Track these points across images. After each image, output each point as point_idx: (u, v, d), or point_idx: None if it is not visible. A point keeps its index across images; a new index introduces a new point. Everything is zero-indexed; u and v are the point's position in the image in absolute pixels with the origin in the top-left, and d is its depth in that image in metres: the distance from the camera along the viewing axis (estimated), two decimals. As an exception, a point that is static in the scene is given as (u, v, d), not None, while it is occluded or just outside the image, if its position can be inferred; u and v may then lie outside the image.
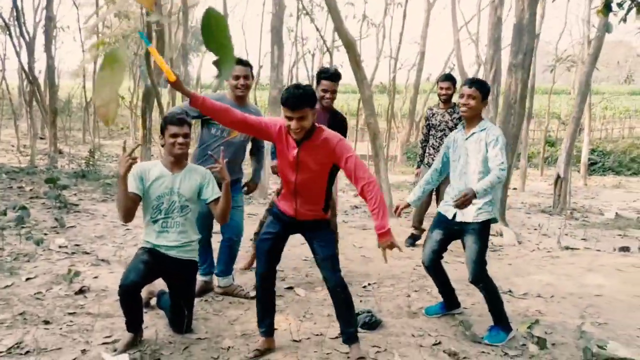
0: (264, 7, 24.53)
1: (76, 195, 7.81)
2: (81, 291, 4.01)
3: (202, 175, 3.38)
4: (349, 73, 4.50)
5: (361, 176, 2.86)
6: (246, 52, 34.60)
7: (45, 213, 6.40)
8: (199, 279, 3.97)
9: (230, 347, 3.23)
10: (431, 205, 5.98)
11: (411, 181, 13.47)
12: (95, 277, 4.37)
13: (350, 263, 5.18)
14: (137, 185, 3.24)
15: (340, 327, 3.17)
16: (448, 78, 5.65)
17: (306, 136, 2.91)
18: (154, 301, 3.76)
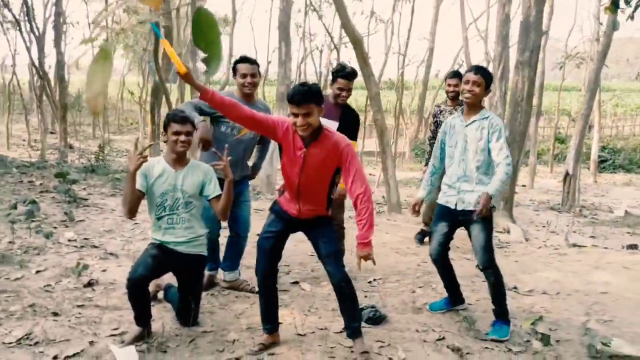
0: (272, 3, 24.51)
1: (85, 189, 7.89)
2: (90, 284, 4.07)
3: (205, 172, 3.40)
4: (356, 70, 4.51)
5: (358, 186, 2.91)
6: (255, 48, 34.66)
7: (55, 207, 6.47)
8: (205, 273, 4.00)
9: (235, 340, 3.26)
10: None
11: (419, 178, 13.45)
12: (103, 271, 4.43)
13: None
14: (142, 182, 3.27)
15: (344, 322, 3.19)
16: (456, 75, 5.62)
17: (313, 137, 2.93)
18: (161, 294, 3.79)
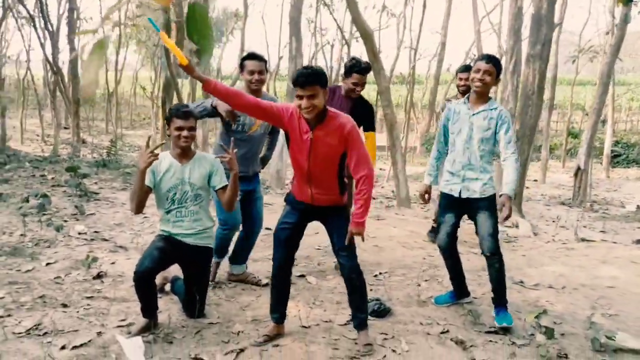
0: (284, -2, 24.45)
1: (97, 183, 7.98)
2: (99, 276, 4.13)
3: (211, 163, 3.44)
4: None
5: (362, 167, 2.95)
6: (266, 43, 34.61)
7: (66, 201, 6.56)
8: (213, 261, 4.05)
9: (240, 332, 3.30)
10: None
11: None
12: (112, 263, 4.49)
13: (362, 252, 5.16)
14: (149, 177, 3.32)
15: (352, 313, 3.23)
16: (467, 69, 5.55)
17: (319, 120, 2.93)
18: (168, 287, 3.85)
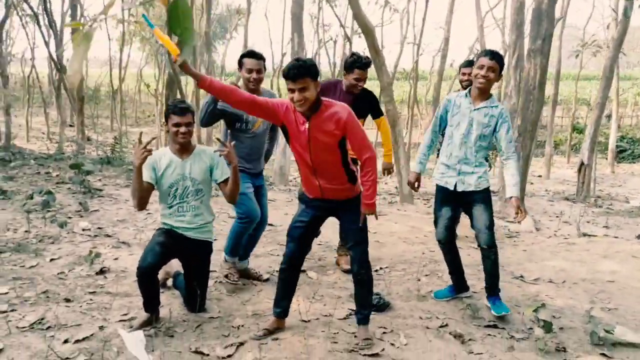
0: (287, -6, 24.44)
1: (101, 180, 8.04)
2: (101, 272, 4.18)
3: (211, 156, 3.47)
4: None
5: (365, 151, 3.02)
6: (270, 40, 34.60)
7: (70, 197, 6.61)
8: (228, 261, 4.13)
9: (240, 326, 3.33)
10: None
11: (433, 168, 13.39)
12: (115, 259, 4.54)
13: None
14: (150, 174, 3.36)
15: (356, 307, 3.25)
16: (470, 64, 5.53)
17: (313, 110, 2.94)
18: (170, 282, 3.89)
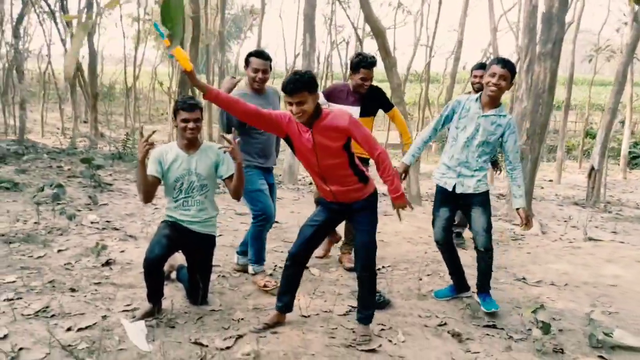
0: (301, -5, 24.51)
1: (111, 175, 8.14)
2: (107, 263, 4.25)
3: (217, 152, 3.51)
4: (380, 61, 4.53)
5: (374, 148, 3.08)
6: (283, 40, 34.72)
7: (80, 191, 6.71)
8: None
9: (241, 319, 3.38)
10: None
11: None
12: (122, 251, 4.61)
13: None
14: (156, 168, 3.42)
15: (357, 307, 3.29)
16: (482, 67, 5.52)
17: (314, 118, 3.00)
18: (174, 275, 3.95)
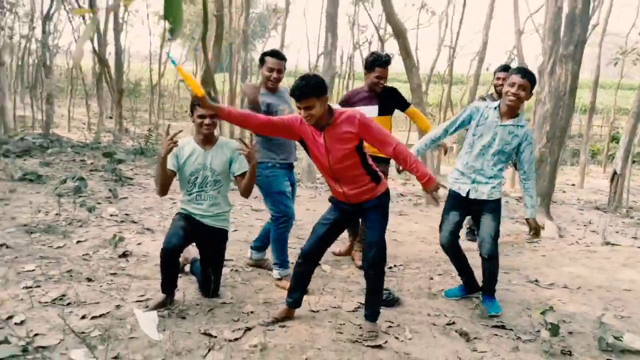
0: (326, -6, 24.53)
1: (133, 170, 8.30)
2: (124, 255, 4.36)
3: (232, 149, 3.58)
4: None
5: (389, 143, 3.07)
6: (307, 39, 34.80)
7: (102, 184, 6.87)
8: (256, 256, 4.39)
9: (250, 312, 3.44)
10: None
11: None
12: (138, 244, 4.71)
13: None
14: (173, 162, 3.50)
15: (364, 304, 3.31)
16: (506, 69, 5.49)
17: (326, 121, 3.03)
18: (188, 268, 4.03)
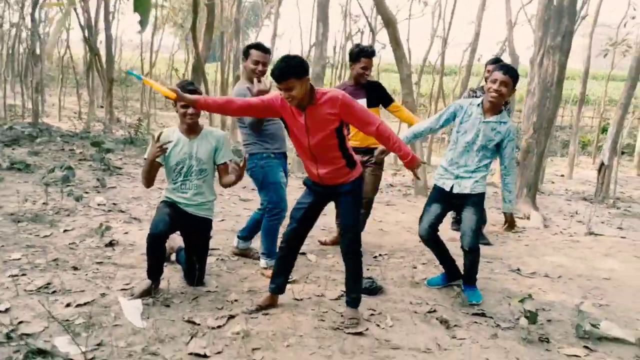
0: (318, -16, 24.39)
1: (122, 159, 8.29)
2: (110, 244, 4.38)
3: (217, 138, 3.61)
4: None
5: (371, 122, 3.07)
6: (300, 29, 34.65)
7: (90, 174, 6.87)
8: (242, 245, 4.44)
9: (235, 301, 3.48)
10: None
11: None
12: (125, 233, 4.74)
13: (367, 235, 5.32)
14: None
15: (345, 290, 3.37)
16: (497, 61, 5.51)
17: (307, 101, 3.02)
18: (174, 257, 4.07)
